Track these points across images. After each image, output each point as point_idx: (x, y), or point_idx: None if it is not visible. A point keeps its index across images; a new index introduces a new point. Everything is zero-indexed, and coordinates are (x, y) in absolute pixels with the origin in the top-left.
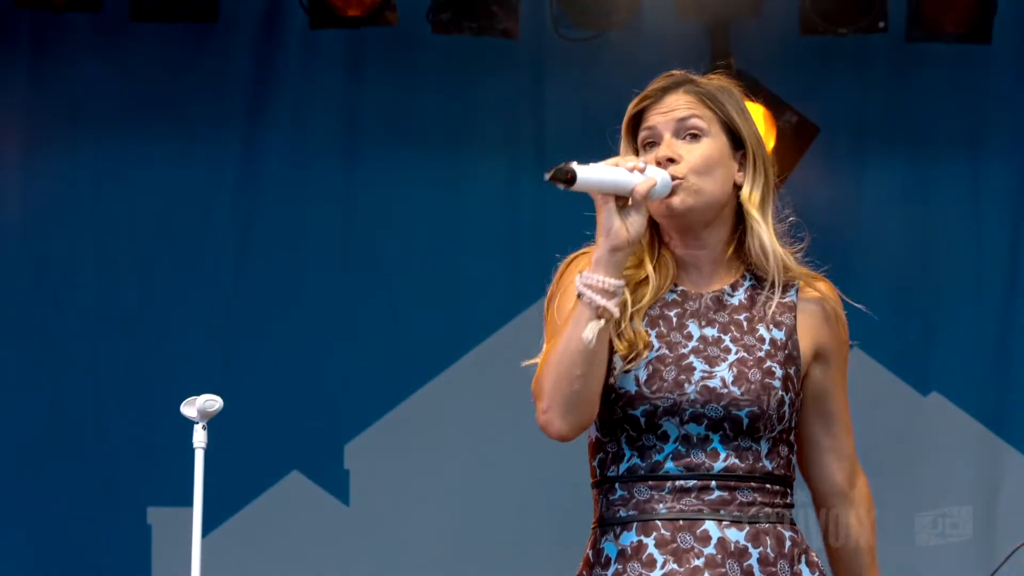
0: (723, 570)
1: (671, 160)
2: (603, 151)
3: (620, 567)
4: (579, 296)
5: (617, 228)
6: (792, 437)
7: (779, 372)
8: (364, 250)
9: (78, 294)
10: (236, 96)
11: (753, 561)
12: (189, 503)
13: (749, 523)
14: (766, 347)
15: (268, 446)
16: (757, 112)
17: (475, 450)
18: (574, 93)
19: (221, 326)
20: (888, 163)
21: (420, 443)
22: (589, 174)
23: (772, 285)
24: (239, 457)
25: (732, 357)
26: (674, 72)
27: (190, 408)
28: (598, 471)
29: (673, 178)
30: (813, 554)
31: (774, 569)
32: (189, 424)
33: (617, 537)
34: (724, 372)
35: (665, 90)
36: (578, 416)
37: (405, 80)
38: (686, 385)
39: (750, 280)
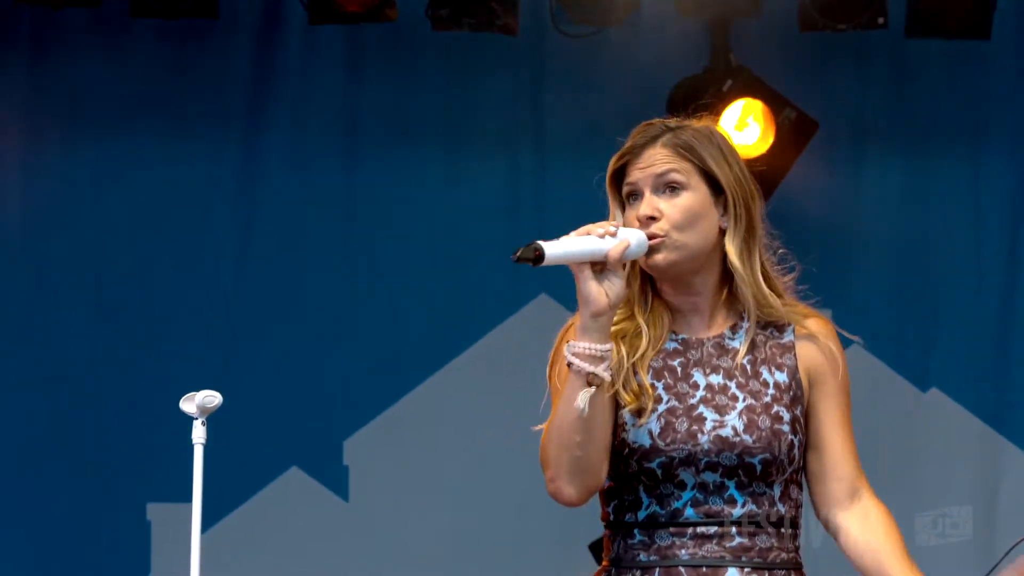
0: None
1: (652, 218)
2: (602, 147)
3: None
4: (568, 365)
5: (596, 295)
6: (801, 478)
7: (787, 416)
8: (363, 248)
9: (78, 292)
10: (236, 94)
11: None
12: (188, 499)
13: (768, 569)
14: (771, 391)
15: (267, 442)
16: (756, 109)
17: (474, 446)
18: (574, 90)
19: (221, 323)
20: (888, 159)
21: (419, 439)
22: (557, 249)
23: (758, 321)
24: (238, 453)
25: (741, 405)
26: (653, 122)
27: (189, 404)
28: (612, 515)
29: (653, 236)
30: None
31: None
32: (188, 420)
33: None
34: (735, 421)
35: (643, 145)
36: (584, 481)
37: (405, 77)
38: (699, 436)
39: (746, 322)
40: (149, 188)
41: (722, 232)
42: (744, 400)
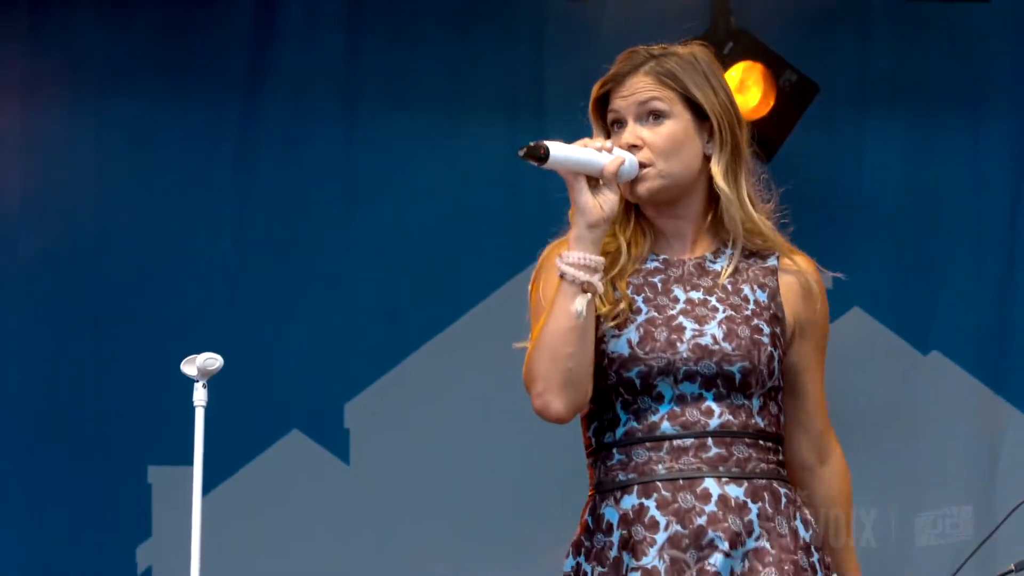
0: (726, 524)
1: (634, 146)
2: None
3: (624, 532)
4: (562, 276)
5: (591, 205)
6: (780, 398)
7: (767, 329)
8: (364, 212)
9: (77, 255)
10: (236, 57)
11: (753, 516)
12: (189, 462)
13: (747, 479)
14: (751, 307)
15: (268, 405)
16: (756, 72)
17: (476, 409)
18: (575, 56)
19: (222, 286)
20: (888, 122)
21: (421, 402)
22: (561, 152)
23: (742, 250)
24: (239, 416)
25: (720, 315)
26: (637, 49)
27: (190, 366)
28: (593, 440)
29: (641, 165)
30: (807, 511)
31: (772, 524)
32: (189, 383)
33: (618, 502)
34: (714, 329)
35: (626, 73)
36: (574, 395)
37: (405, 42)
38: (678, 344)
39: (730, 249)
40: (149, 152)
41: (707, 159)
42: (724, 312)
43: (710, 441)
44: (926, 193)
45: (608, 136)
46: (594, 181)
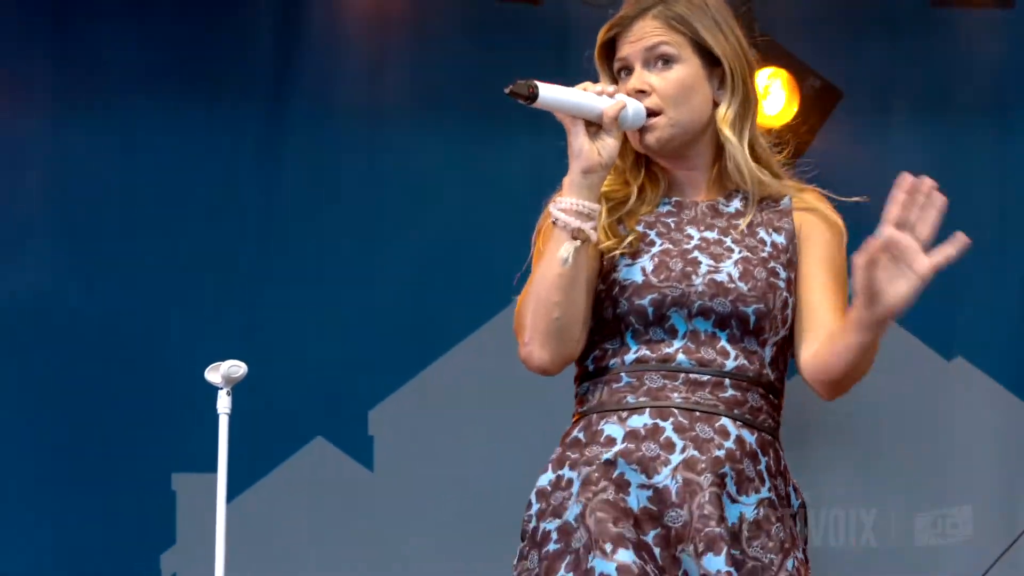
0: (741, 467)
1: (642, 92)
2: None
3: (631, 445)
4: (554, 222)
5: (588, 150)
6: (789, 351)
7: (783, 274)
8: (388, 216)
9: (102, 260)
10: (261, 60)
11: (763, 467)
12: (214, 469)
13: (758, 430)
14: (768, 249)
15: (292, 412)
16: (780, 78)
17: (499, 415)
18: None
19: (246, 293)
20: (912, 128)
21: (444, 408)
22: (553, 93)
23: (750, 200)
24: (263, 423)
25: (737, 255)
26: None
27: (214, 374)
28: (592, 366)
29: (650, 113)
30: (795, 481)
31: (776, 482)
32: (214, 390)
33: (624, 420)
34: (730, 268)
35: (633, 17)
36: (559, 347)
37: (429, 51)
38: (693, 277)
39: (741, 192)
40: (174, 156)
41: (716, 105)
42: (740, 252)
43: (727, 382)
44: (950, 199)
45: (615, 84)
46: (594, 126)
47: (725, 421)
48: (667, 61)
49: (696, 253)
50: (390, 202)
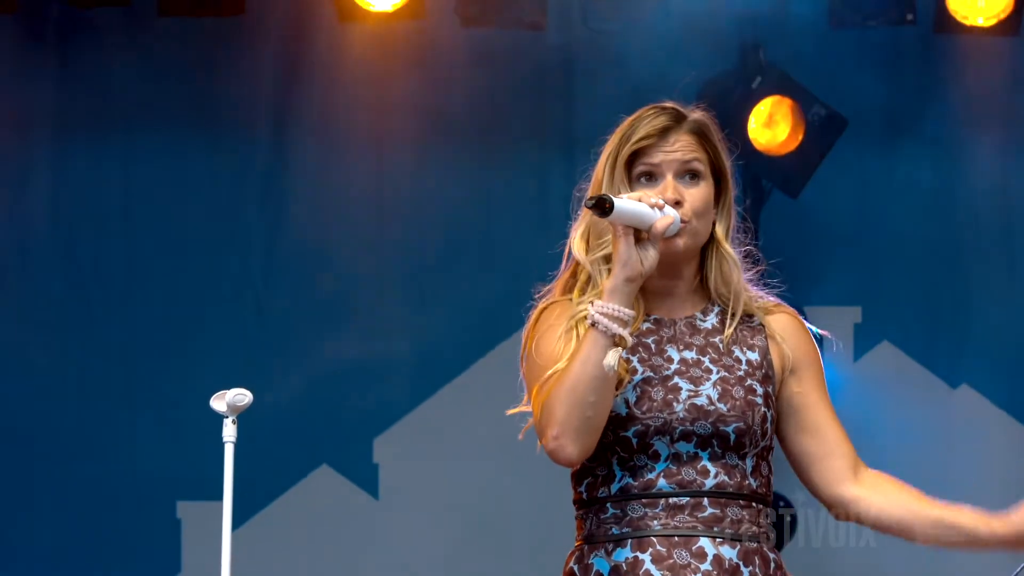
0: None
1: (678, 203)
2: None
3: None
4: (593, 325)
5: (635, 260)
6: (771, 457)
7: (760, 390)
8: (393, 244)
9: (107, 287)
10: (264, 89)
11: None
12: (219, 497)
13: (739, 541)
14: (744, 367)
15: (298, 440)
16: (785, 106)
17: (504, 444)
18: (602, 84)
19: (251, 321)
20: (917, 155)
21: (449, 437)
22: (623, 205)
23: (734, 314)
24: (269, 451)
25: (715, 376)
26: (664, 105)
27: (220, 402)
28: (585, 494)
29: (684, 221)
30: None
31: None
32: (219, 418)
33: (609, 554)
34: (709, 390)
35: (669, 128)
36: (589, 441)
37: (434, 73)
38: (675, 404)
39: (718, 307)
40: (177, 185)
41: (713, 223)
42: (718, 372)
43: (706, 501)
44: (955, 227)
45: (630, 186)
46: (639, 235)
47: (704, 542)
48: (695, 176)
49: (676, 379)
50: (394, 230)
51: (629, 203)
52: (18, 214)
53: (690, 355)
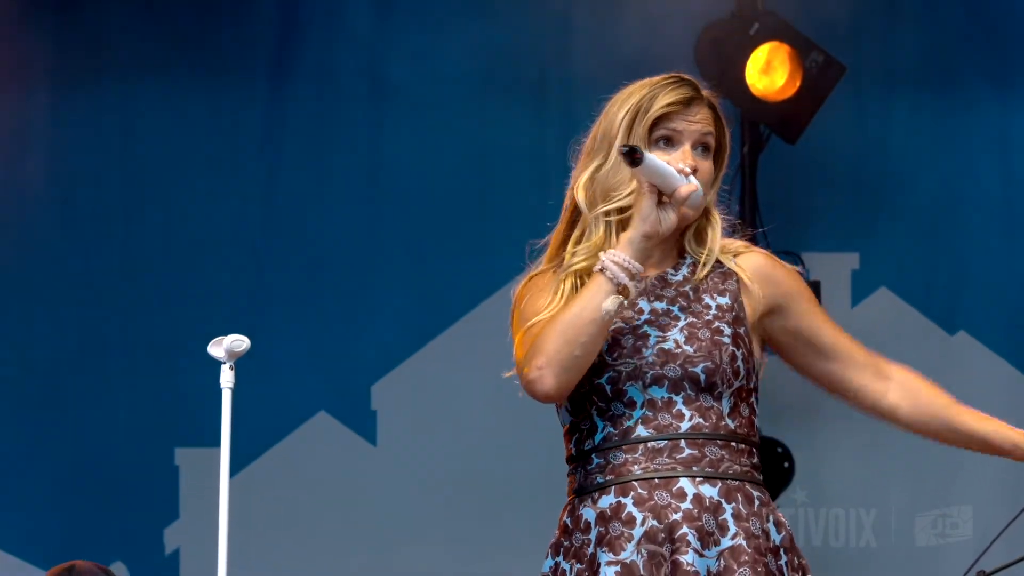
0: (700, 523)
1: (695, 171)
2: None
3: (602, 529)
4: (601, 270)
5: (655, 218)
6: (753, 399)
7: (727, 330)
8: (391, 192)
9: (105, 235)
10: (263, 37)
11: (727, 515)
12: (217, 444)
13: (720, 479)
14: (713, 311)
15: (295, 387)
16: (783, 53)
17: (502, 390)
18: (601, 35)
19: (249, 268)
20: (915, 102)
21: (447, 383)
22: (655, 161)
23: (705, 264)
24: (266, 398)
25: (682, 323)
26: (683, 77)
27: (217, 348)
28: (574, 449)
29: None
30: (780, 514)
31: (747, 524)
32: (216, 364)
33: (595, 502)
34: (676, 335)
35: (691, 100)
36: (569, 379)
37: (432, 25)
38: (644, 350)
39: (689, 259)
40: (176, 133)
41: None
42: (686, 319)
43: (683, 443)
44: (953, 173)
45: (647, 145)
46: (663, 197)
47: (683, 482)
48: (707, 149)
49: (645, 327)
50: (392, 177)
51: (660, 162)
52: (16, 166)
53: (660, 305)
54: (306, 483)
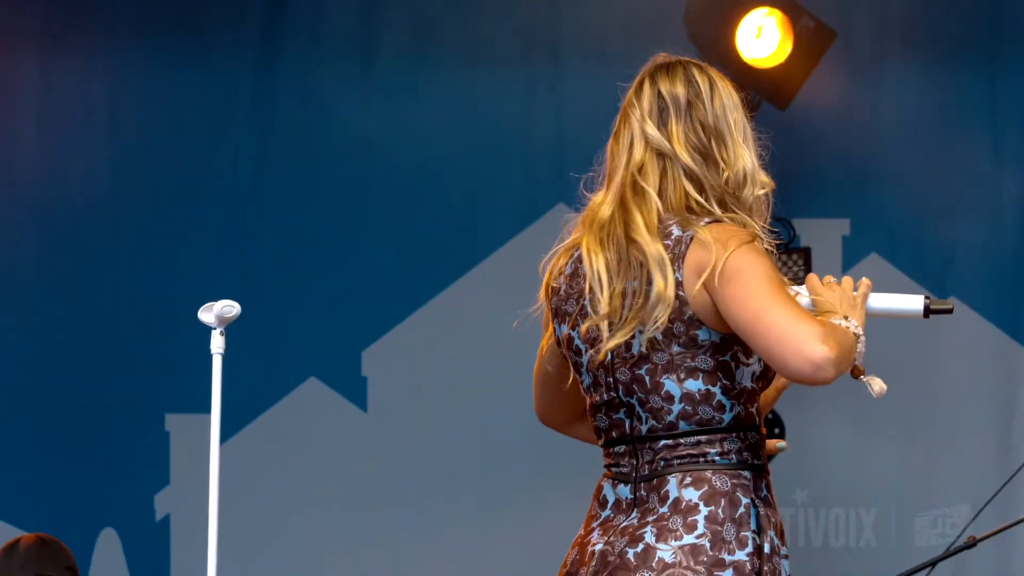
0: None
1: None
2: (618, 56)
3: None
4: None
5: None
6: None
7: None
8: (381, 157)
9: (95, 202)
10: (252, 5)
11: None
12: (207, 410)
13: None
14: None
15: (286, 352)
16: (774, 18)
17: (492, 356)
18: (591, 2)
19: (239, 232)
20: (906, 68)
21: (437, 349)
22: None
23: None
24: (257, 363)
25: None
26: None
27: (208, 314)
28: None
29: None
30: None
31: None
32: (207, 330)
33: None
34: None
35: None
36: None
37: None
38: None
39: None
40: (165, 100)
41: None
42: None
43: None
44: (944, 140)
45: None
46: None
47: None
48: None
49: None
50: (382, 143)
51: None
52: (5, 130)
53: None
54: (296, 449)
